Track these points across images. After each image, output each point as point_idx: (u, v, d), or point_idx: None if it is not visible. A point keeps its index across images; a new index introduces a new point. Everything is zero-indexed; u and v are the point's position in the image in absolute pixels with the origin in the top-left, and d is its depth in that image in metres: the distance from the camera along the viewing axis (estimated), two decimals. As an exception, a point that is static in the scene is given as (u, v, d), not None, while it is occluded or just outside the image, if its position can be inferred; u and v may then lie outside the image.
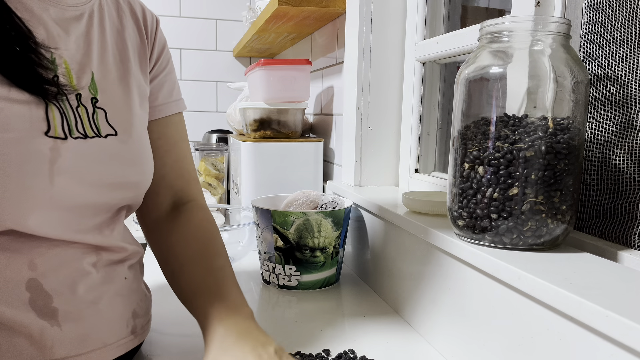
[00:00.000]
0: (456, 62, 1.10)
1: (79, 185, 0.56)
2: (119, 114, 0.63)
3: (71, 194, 0.56)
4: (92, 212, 0.60)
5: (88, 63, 0.60)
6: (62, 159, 0.54)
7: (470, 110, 0.64)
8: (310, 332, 0.80)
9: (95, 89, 0.60)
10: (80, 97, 0.58)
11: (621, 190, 0.62)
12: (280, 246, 0.97)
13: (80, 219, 0.59)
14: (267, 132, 1.40)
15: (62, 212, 0.56)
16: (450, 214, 0.68)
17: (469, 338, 0.67)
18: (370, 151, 1.19)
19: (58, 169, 0.54)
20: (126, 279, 0.65)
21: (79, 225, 0.59)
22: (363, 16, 1.14)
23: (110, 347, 0.60)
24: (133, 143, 0.64)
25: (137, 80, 0.68)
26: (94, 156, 0.58)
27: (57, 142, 0.54)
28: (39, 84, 0.53)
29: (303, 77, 1.39)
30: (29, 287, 0.55)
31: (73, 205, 0.57)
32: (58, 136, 0.54)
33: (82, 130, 0.57)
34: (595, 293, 0.47)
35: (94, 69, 0.61)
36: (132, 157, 0.64)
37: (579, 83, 0.60)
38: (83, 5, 0.61)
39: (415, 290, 0.81)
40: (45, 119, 0.54)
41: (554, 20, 0.60)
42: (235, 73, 2.24)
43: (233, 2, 2.20)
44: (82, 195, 0.57)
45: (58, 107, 0.55)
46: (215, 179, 1.77)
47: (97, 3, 0.64)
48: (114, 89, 0.63)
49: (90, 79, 0.60)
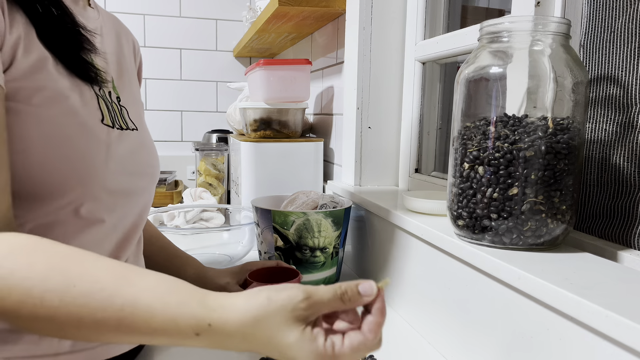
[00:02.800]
0: (456, 62, 1.10)
1: (122, 171, 0.62)
2: (134, 113, 0.69)
3: (115, 179, 0.60)
4: (128, 200, 0.64)
5: (107, 68, 0.66)
6: (113, 145, 0.60)
7: (470, 110, 0.65)
8: (310, 332, 0.80)
9: (116, 90, 0.66)
10: (110, 94, 0.64)
11: (621, 190, 0.62)
12: (280, 246, 0.97)
13: (117, 207, 0.62)
14: (267, 132, 1.40)
15: (110, 198, 0.60)
16: (450, 214, 0.68)
17: (469, 338, 0.67)
18: (370, 151, 1.19)
19: (111, 155, 0.59)
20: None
21: (117, 215, 0.62)
22: (363, 16, 1.14)
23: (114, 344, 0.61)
24: (148, 138, 0.72)
25: (137, 90, 0.76)
26: (130, 146, 0.64)
27: (109, 130, 0.60)
28: (85, 68, 0.59)
29: (303, 77, 1.39)
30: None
31: (118, 191, 0.61)
32: (109, 124, 0.61)
33: (119, 123, 0.64)
34: (595, 293, 0.47)
35: (112, 73, 0.67)
36: (149, 150, 0.71)
37: (579, 83, 0.60)
38: (96, 20, 0.68)
39: (416, 290, 0.81)
40: (99, 108, 0.60)
41: (554, 20, 0.60)
42: (235, 73, 2.24)
43: (233, 2, 2.20)
44: (122, 181, 0.62)
45: (103, 100, 0.61)
46: (215, 179, 1.77)
47: (101, 19, 0.70)
48: (127, 92, 0.69)
49: (112, 81, 0.66)
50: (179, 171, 2.16)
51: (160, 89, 2.17)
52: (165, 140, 2.20)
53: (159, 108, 2.18)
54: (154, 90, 2.17)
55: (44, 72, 0.53)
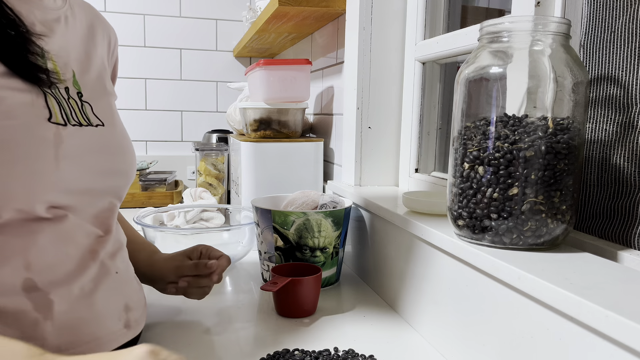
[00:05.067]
0: (456, 62, 1.10)
1: (80, 170, 0.59)
2: (102, 109, 0.67)
3: (73, 178, 0.58)
4: (90, 198, 0.62)
5: (69, 61, 0.64)
6: (64, 144, 0.57)
7: (470, 110, 0.64)
8: (310, 331, 0.80)
9: (78, 85, 0.64)
10: (68, 90, 0.62)
11: (621, 190, 0.62)
12: (281, 246, 0.97)
13: (81, 206, 0.61)
14: (267, 132, 1.40)
15: (67, 197, 0.58)
16: (450, 214, 0.68)
17: (470, 338, 0.67)
18: (370, 151, 1.19)
19: (62, 154, 0.57)
20: (117, 273, 0.66)
21: (81, 212, 0.61)
22: (363, 16, 1.14)
23: (102, 340, 0.61)
24: (117, 134, 0.68)
25: (109, 83, 0.73)
26: (90, 143, 0.62)
27: (59, 128, 0.57)
28: (33, 71, 0.56)
29: (303, 77, 1.39)
30: (25, 284, 0.55)
31: (75, 190, 0.59)
32: (59, 122, 0.58)
33: (77, 119, 0.61)
34: (595, 293, 0.47)
35: (74, 67, 0.64)
36: (119, 147, 0.67)
37: (579, 83, 0.60)
38: (59, 10, 0.65)
39: (416, 290, 0.81)
40: (46, 106, 0.57)
41: (554, 21, 0.60)
42: (235, 73, 2.24)
43: (233, 2, 2.20)
44: (83, 180, 0.60)
45: (54, 96, 0.59)
46: (215, 179, 1.77)
47: (68, 9, 0.67)
48: (93, 87, 0.67)
49: (72, 76, 0.64)
50: (179, 171, 2.16)
51: (160, 89, 2.17)
52: (165, 140, 2.20)
53: (159, 108, 2.18)
54: (154, 90, 2.17)
55: None
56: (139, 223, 1.10)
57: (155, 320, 0.83)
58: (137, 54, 2.13)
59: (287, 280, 0.83)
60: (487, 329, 0.63)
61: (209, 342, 0.77)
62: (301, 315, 0.86)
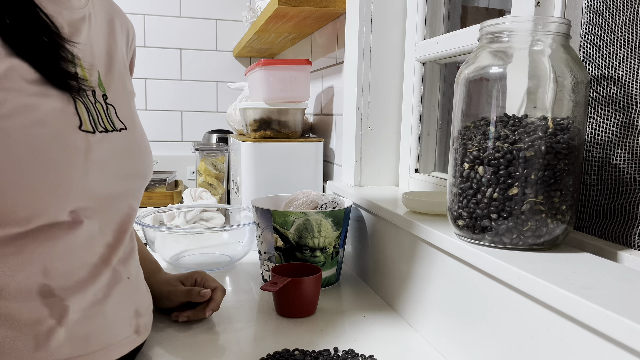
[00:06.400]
0: (456, 62, 1.10)
1: (104, 176, 0.60)
2: (124, 110, 0.66)
3: (98, 185, 0.59)
4: (111, 202, 0.62)
5: (94, 62, 0.63)
6: (93, 151, 0.57)
7: (470, 110, 0.64)
8: (310, 332, 0.80)
9: (103, 87, 0.64)
10: (94, 93, 0.62)
11: (621, 190, 0.62)
12: (281, 246, 0.97)
13: (102, 209, 0.61)
14: (267, 132, 1.40)
15: (90, 201, 0.58)
16: (450, 214, 0.68)
17: (470, 338, 0.67)
18: (370, 151, 1.19)
19: (91, 161, 0.57)
20: (129, 279, 0.66)
21: (101, 216, 0.61)
22: (363, 16, 1.14)
23: (113, 347, 0.61)
24: (138, 137, 0.68)
25: (129, 80, 0.72)
26: (114, 149, 0.62)
27: (88, 136, 0.57)
28: (64, 78, 0.56)
29: (303, 77, 1.39)
30: (42, 289, 0.55)
31: (98, 195, 0.59)
32: (88, 130, 0.58)
33: (103, 125, 0.61)
34: (595, 293, 0.47)
35: (99, 68, 0.64)
36: (139, 150, 0.67)
37: (579, 83, 0.60)
38: (84, 8, 0.64)
39: (416, 291, 0.81)
40: (76, 113, 0.57)
41: (554, 21, 0.60)
42: (235, 73, 2.24)
43: (233, 2, 2.20)
44: (106, 185, 0.60)
45: (83, 103, 0.58)
46: (215, 179, 1.77)
47: (91, 6, 0.66)
48: (116, 87, 0.66)
49: (98, 77, 0.63)
50: (179, 171, 2.16)
51: (160, 89, 2.17)
52: (165, 140, 2.20)
53: (159, 108, 2.18)
54: (154, 90, 2.17)
55: (8, 82, 0.50)
56: (139, 223, 1.10)
57: (156, 321, 0.83)
58: (137, 54, 2.12)
59: (287, 281, 0.83)
60: (487, 329, 0.63)
61: (209, 342, 0.77)
62: (301, 315, 0.86)
